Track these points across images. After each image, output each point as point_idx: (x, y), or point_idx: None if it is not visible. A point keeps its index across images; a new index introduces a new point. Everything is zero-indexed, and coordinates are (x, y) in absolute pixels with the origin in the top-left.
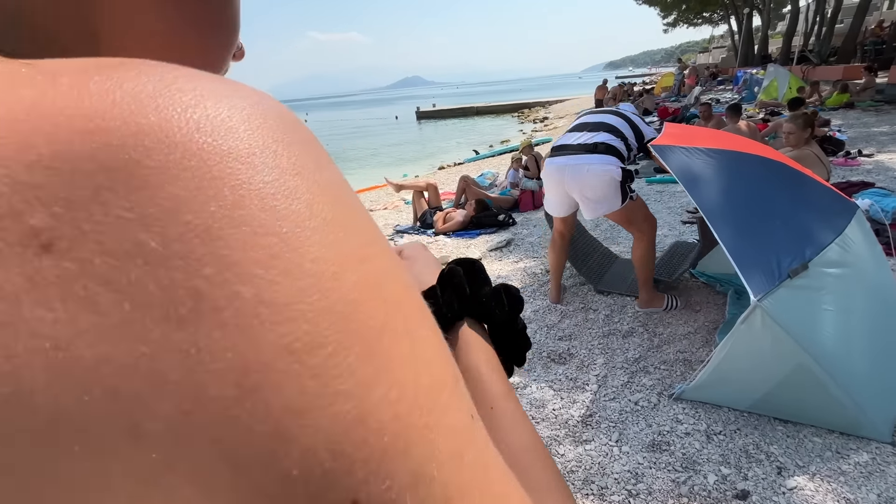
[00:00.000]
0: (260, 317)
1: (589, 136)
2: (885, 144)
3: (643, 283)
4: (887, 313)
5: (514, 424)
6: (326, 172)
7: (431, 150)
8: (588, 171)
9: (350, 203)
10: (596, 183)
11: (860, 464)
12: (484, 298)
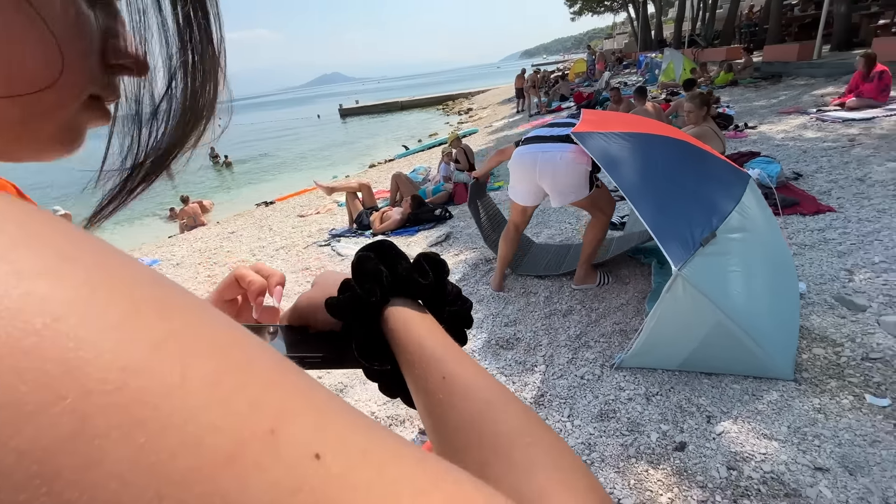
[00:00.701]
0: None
1: (560, 130)
2: (766, 117)
3: (584, 261)
4: (780, 267)
5: (470, 387)
6: None
7: (360, 148)
8: (560, 159)
9: None
10: (567, 171)
11: (772, 402)
12: (404, 273)
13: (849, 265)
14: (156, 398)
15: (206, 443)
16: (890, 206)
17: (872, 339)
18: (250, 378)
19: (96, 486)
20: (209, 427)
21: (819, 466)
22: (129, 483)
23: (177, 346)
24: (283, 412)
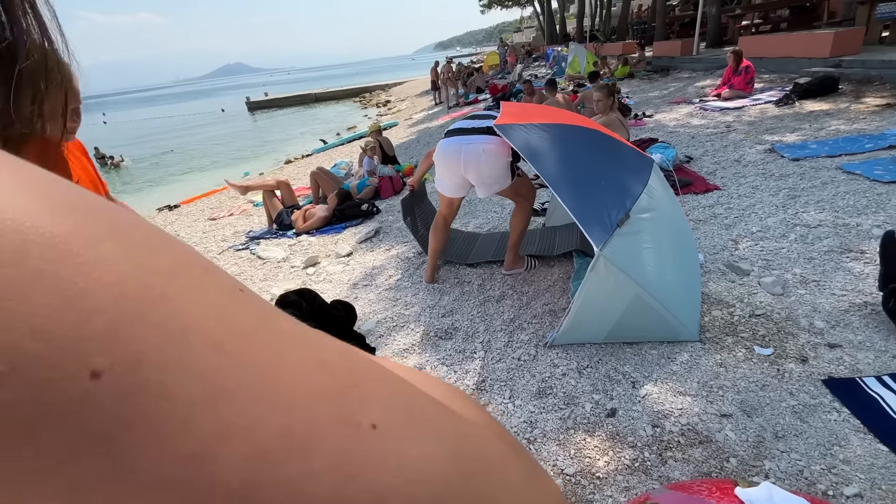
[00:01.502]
0: None
1: (481, 122)
2: (659, 106)
3: (512, 246)
4: (683, 242)
5: None
6: None
7: (273, 143)
8: (484, 150)
9: None
10: (490, 161)
11: (683, 362)
12: (320, 308)
13: (734, 235)
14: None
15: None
16: (761, 183)
17: (756, 299)
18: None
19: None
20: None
21: (724, 413)
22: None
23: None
24: None
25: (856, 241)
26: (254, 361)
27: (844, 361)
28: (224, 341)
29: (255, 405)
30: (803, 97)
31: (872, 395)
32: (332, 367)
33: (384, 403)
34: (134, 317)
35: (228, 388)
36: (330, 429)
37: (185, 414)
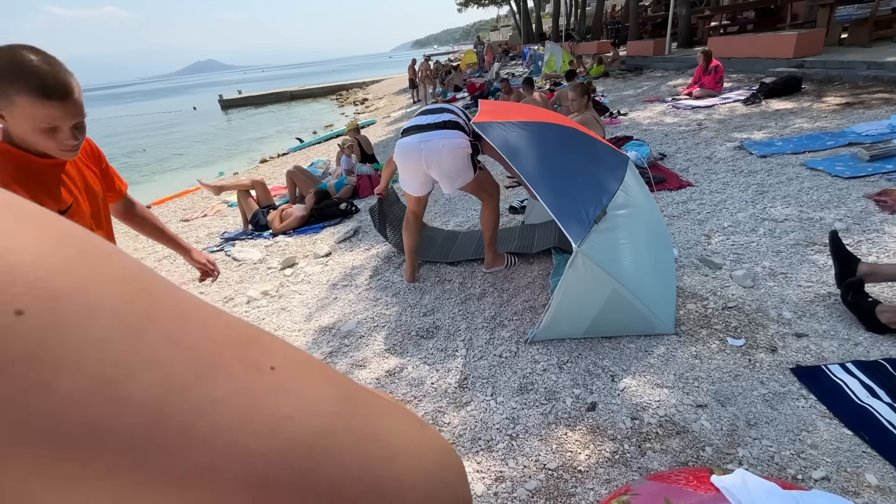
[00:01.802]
0: None
1: (436, 118)
2: (634, 105)
3: (489, 244)
4: (658, 237)
5: None
6: None
7: (247, 142)
8: (443, 146)
9: None
10: (451, 156)
11: (660, 355)
12: None
13: (707, 230)
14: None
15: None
16: (732, 179)
17: (728, 291)
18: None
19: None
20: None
21: (700, 404)
22: None
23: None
24: None
25: (819, 235)
26: (163, 314)
27: (811, 350)
28: (135, 298)
29: (165, 344)
30: (769, 96)
31: (837, 381)
32: (235, 326)
33: (283, 354)
34: (57, 271)
35: (141, 329)
36: (234, 366)
37: (101, 346)
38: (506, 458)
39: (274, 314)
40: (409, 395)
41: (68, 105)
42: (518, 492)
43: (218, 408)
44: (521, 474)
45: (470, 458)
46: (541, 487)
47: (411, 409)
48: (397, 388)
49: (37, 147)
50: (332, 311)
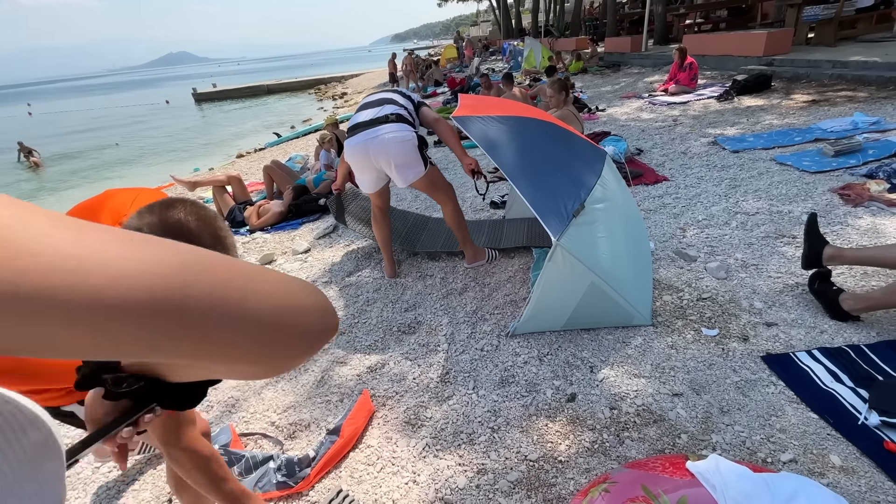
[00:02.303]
0: None
1: (377, 111)
2: (612, 101)
3: (463, 242)
4: (635, 229)
5: None
6: None
7: (223, 136)
8: (389, 139)
9: None
10: (399, 149)
11: (637, 346)
12: None
13: (682, 224)
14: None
15: None
16: (706, 173)
17: (703, 283)
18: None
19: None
20: None
21: (676, 392)
22: None
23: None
24: None
25: (788, 227)
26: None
27: (780, 338)
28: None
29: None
30: (741, 93)
31: (804, 367)
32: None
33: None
34: None
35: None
36: (91, 234)
37: None
38: (487, 451)
39: None
40: (390, 390)
41: None
42: (500, 483)
43: (73, 268)
44: (502, 466)
45: (452, 452)
46: (522, 478)
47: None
48: (379, 384)
49: None
50: None
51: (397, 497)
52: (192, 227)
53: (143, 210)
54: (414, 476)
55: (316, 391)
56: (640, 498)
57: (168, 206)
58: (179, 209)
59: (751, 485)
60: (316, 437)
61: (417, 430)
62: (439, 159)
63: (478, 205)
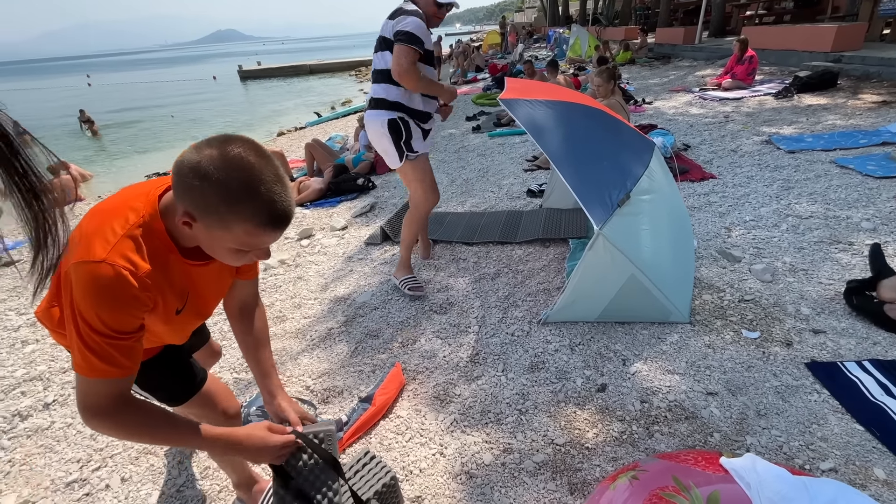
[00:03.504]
0: None
1: (369, 94)
2: (659, 93)
3: (403, 247)
4: (680, 225)
5: None
6: None
7: (265, 113)
8: (369, 126)
9: None
10: (374, 137)
11: (673, 342)
12: None
13: (727, 223)
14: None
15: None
16: (756, 173)
17: (746, 285)
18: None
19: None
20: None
21: (710, 391)
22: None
23: None
24: None
25: (845, 233)
26: None
27: (827, 346)
28: None
29: None
30: (802, 90)
31: (852, 378)
32: None
33: None
34: None
35: None
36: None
37: None
38: (514, 432)
39: (291, 282)
40: (420, 366)
41: (284, 230)
42: (525, 463)
43: None
44: (528, 447)
45: (479, 429)
46: (548, 461)
47: None
48: (410, 358)
49: (212, 254)
50: (348, 283)
51: (424, 467)
52: (252, 161)
53: (200, 144)
54: (441, 448)
55: (349, 360)
56: (669, 488)
57: (226, 141)
58: (238, 144)
59: (788, 487)
60: (348, 404)
61: (446, 405)
62: (476, 146)
63: (514, 192)
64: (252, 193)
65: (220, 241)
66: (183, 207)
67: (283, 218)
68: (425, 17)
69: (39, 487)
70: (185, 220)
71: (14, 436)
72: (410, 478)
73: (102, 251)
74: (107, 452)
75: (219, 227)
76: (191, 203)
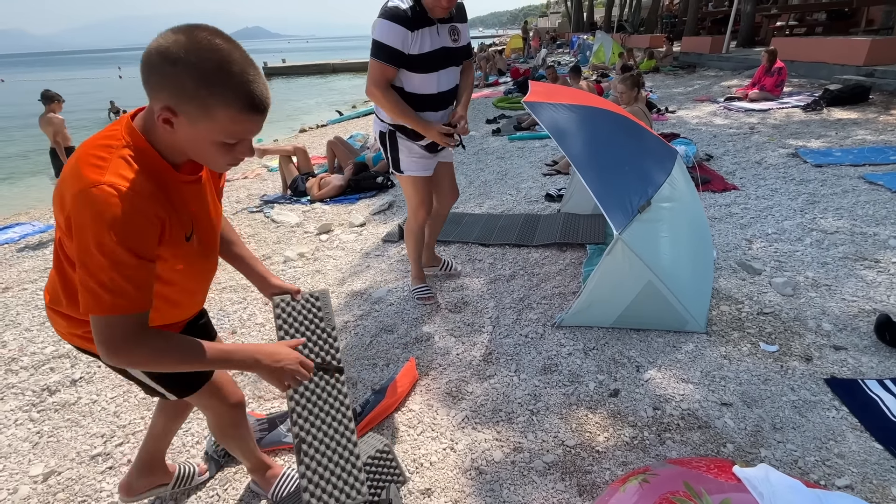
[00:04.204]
0: None
1: None
2: (683, 103)
3: (411, 259)
4: (700, 234)
5: None
6: None
7: (287, 110)
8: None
9: None
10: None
11: (688, 352)
12: None
13: (748, 235)
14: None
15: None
16: (781, 186)
17: (765, 297)
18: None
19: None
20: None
21: (725, 402)
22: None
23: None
24: None
25: (871, 250)
26: None
27: (848, 363)
28: None
29: None
30: (832, 104)
31: (873, 396)
32: None
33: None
34: None
35: None
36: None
37: None
38: (525, 431)
39: (309, 275)
40: (434, 362)
41: (264, 117)
42: (535, 463)
43: None
44: (539, 447)
45: (490, 427)
46: (558, 461)
47: None
48: (423, 354)
49: (198, 158)
50: (365, 278)
51: (435, 461)
52: (221, 44)
53: (165, 33)
54: (452, 443)
55: (364, 353)
56: (680, 493)
57: (192, 27)
58: (203, 30)
59: (802, 499)
60: (362, 395)
61: (458, 401)
62: (495, 149)
63: (533, 196)
64: (228, 74)
65: (205, 134)
66: (160, 103)
67: (262, 101)
68: (425, 6)
69: (66, 459)
70: (166, 115)
71: (43, 409)
72: (421, 470)
73: (98, 175)
74: (129, 429)
75: (203, 116)
76: (168, 93)
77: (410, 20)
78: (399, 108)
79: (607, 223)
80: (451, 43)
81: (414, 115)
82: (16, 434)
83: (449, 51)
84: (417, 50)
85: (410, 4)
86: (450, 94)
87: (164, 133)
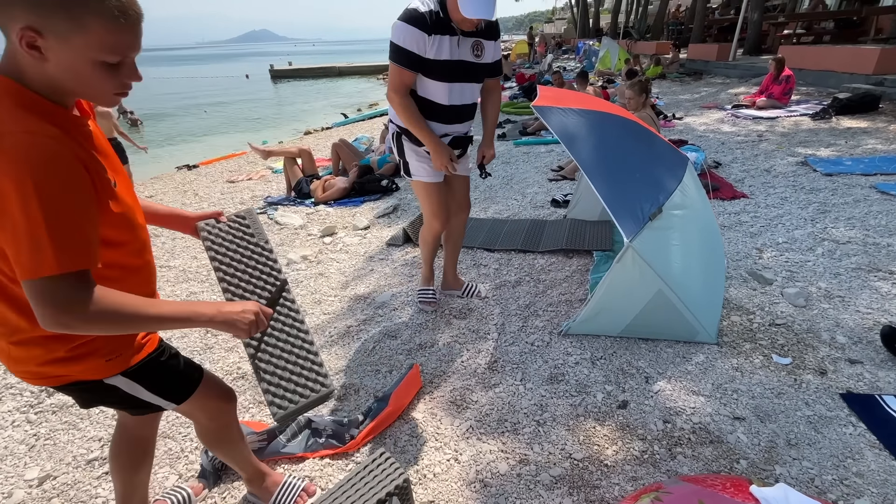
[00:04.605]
0: None
1: None
2: (690, 109)
3: (424, 263)
4: (711, 242)
5: None
6: None
7: (293, 112)
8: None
9: None
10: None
11: (699, 363)
12: None
13: (759, 244)
14: None
15: None
16: (791, 195)
17: (777, 308)
18: None
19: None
20: None
21: (737, 416)
22: None
23: None
24: None
25: (885, 261)
26: None
27: (864, 378)
28: None
29: None
30: (841, 112)
31: (891, 412)
32: None
33: None
34: None
35: None
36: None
37: None
38: (531, 443)
39: (312, 278)
40: (438, 369)
41: (140, 29)
42: (542, 476)
43: None
44: (546, 460)
45: (495, 438)
46: (565, 475)
47: None
48: (427, 361)
49: (82, 88)
50: (368, 282)
51: (438, 472)
52: None
53: None
54: (456, 454)
55: (367, 359)
56: None
57: None
58: None
59: None
60: (364, 402)
61: (462, 410)
62: (500, 153)
63: (538, 201)
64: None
65: (81, 52)
66: (18, 23)
67: (132, 6)
68: (451, 17)
69: (61, 463)
70: (30, 37)
71: (40, 411)
72: (424, 482)
73: (6, 126)
74: None
75: (74, 30)
76: (25, 6)
77: (428, 24)
78: (413, 119)
79: (615, 230)
80: (471, 58)
81: (427, 131)
82: (12, 436)
83: (468, 66)
84: (434, 55)
85: (432, 8)
86: (463, 110)
87: (35, 66)
